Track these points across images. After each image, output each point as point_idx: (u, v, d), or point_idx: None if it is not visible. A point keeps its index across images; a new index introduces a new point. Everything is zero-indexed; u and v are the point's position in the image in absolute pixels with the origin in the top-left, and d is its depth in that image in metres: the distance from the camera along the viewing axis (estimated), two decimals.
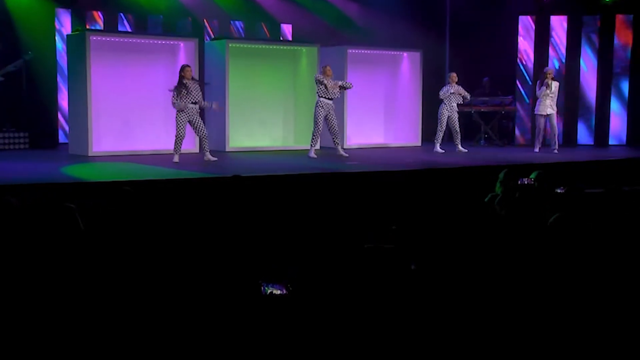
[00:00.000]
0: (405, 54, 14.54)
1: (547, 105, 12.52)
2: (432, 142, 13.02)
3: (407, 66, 14.55)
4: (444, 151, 12.55)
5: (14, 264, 3.59)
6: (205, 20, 14.52)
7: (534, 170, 6.50)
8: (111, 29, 13.32)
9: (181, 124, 10.38)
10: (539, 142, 12.88)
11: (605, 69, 14.63)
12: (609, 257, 3.83)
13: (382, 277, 3.44)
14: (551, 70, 12.76)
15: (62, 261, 3.65)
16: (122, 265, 3.66)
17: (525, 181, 5.99)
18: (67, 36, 12.05)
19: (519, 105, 14.89)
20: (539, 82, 12.90)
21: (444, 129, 12.79)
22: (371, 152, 12.92)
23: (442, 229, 4.02)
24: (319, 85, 11.33)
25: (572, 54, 14.71)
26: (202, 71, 12.54)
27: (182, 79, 10.33)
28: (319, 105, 11.38)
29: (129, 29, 13.79)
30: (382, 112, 14.80)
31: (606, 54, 14.58)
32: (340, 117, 11.99)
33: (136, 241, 4.03)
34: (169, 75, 12.18)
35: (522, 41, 14.88)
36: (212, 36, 14.14)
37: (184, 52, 12.22)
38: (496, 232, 4.06)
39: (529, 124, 14.79)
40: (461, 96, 12.70)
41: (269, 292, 3.44)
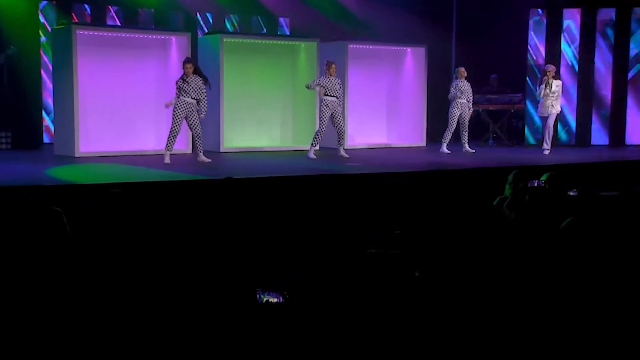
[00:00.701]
0: (409, 49, 14.56)
1: (548, 105, 12.40)
2: (438, 142, 13.02)
3: (411, 62, 14.57)
4: (449, 152, 12.56)
5: None
6: (198, 13, 14.54)
7: (545, 171, 6.51)
8: (99, 22, 13.34)
9: (178, 118, 10.41)
10: (548, 143, 12.64)
11: (621, 65, 14.63)
12: (624, 264, 3.83)
13: (384, 284, 3.45)
14: (551, 68, 12.58)
15: (48, 268, 3.65)
16: (112, 271, 3.66)
17: (535, 183, 6.00)
18: (52, 30, 12.06)
19: (529, 103, 14.90)
20: (538, 81, 12.81)
21: (454, 129, 12.74)
22: (373, 153, 12.92)
23: (448, 234, 4.03)
24: (316, 88, 11.43)
25: (585, 49, 14.72)
26: None
27: (183, 74, 10.44)
28: (323, 104, 11.41)
29: (118, 23, 13.81)
30: (384, 110, 14.81)
31: (622, 48, 14.58)
32: (340, 116, 11.99)
33: (126, 246, 4.04)
34: (160, 71, 12.22)
35: (532, 36, 14.89)
36: (206, 30, 14.16)
37: (175, 47, 12.24)
38: (505, 237, 4.07)
39: (540, 123, 14.78)
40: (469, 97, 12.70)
41: (265, 300, 3.45)
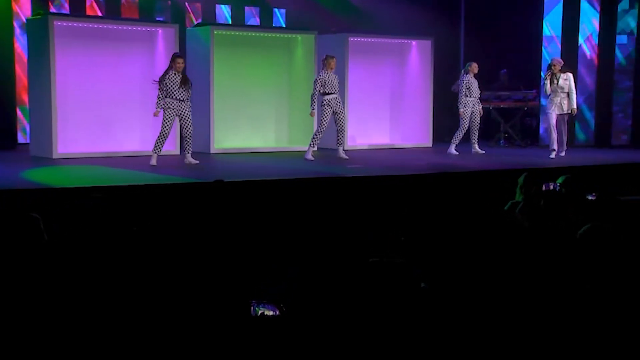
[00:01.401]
0: (414, 42, 14.57)
1: (556, 103, 12.27)
2: (445, 143, 13.03)
3: (417, 56, 14.58)
4: (458, 153, 12.56)
5: None
6: (187, 3, 14.54)
7: (561, 174, 6.52)
8: (78, 12, 13.32)
9: (168, 121, 10.32)
10: (555, 147, 12.34)
11: None
12: None
13: (388, 296, 3.44)
14: (556, 62, 12.40)
15: (23, 277, 3.65)
16: (92, 282, 3.66)
17: (551, 187, 6.00)
18: (27, 20, 12.05)
19: (544, 100, 14.91)
20: (544, 76, 12.56)
21: (465, 129, 12.73)
22: (375, 154, 12.93)
23: (457, 242, 4.03)
24: (316, 85, 11.40)
25: (606, 40, 14.71)
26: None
27: (170, 71, 10.29)
28: (325, 103, 11.41)
29: (99, 13, 13.80)
30: (387, 108, 14.82)
31: None
32: None
33: (107, 255, 4.03)
34: (145, 66, 12.20)
35: (548, 26, 14.88)
36: (195, 22, 14.17)
37: (162, 40, 12.24)
38: (518, 245, 4.06)
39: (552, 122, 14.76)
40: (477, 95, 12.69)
41: (259, 313, 3.44)
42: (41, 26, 11.26)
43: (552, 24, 14.87)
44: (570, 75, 12.34)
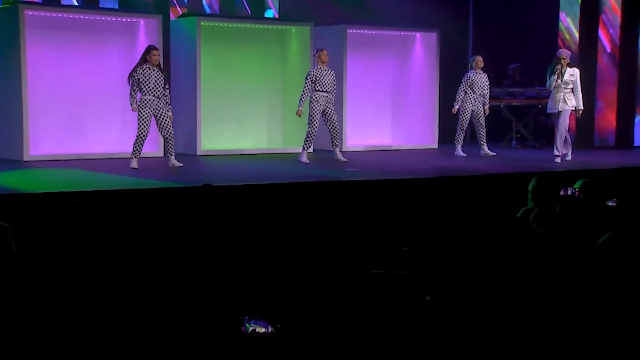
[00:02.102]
0: (418, 35, 14.58)
1: (559, 99, 12.19)
2: (452, 144, 13.05)
3: (421, 49, 14.59)
4: (465, 155, 12.58)
5: None
6: None
7: (579, 178, 6.51)
8: (52, 1, 13.31)
9: (144, 120, 10.29)
10: (559, 148, 12.19)
11: None
12: None
13: (390, 310, 3.44)
14: (565, 54, 12.30)
15: None
16: (66, 295, 3.65)
17: (568, 192, 6.00)
18: None
19: None
20: (549, 70, 12.39)
21: (465, 128, 12.83)
22: (375, 156, 12.93)
23: (464, 252, 4.02)
24: (307, 82, 11.41)
25: (628, 31, 14.72)
26: (167, 56, 12.50)
27: (143, 64, 10.27)
28: (313, 100, 11.41)
29: (75, 2, 13.79)
30: (389, 106, 14.84)
31: None
32: (337, 113, 12.02)
33: (82, 265, 4.02)
34: (125, 60, 12.17)
35: (564, 17, 14.89)
36: (180, 12, 14.16)
37: (144, 31, 12.23)
38: (533, 255, 4.05)
39: (573, 120, 14.76)
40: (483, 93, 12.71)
41: (250, 330, 3.43)
42: (11, 16, 11.24)
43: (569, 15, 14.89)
44: (577, 70, 12.26)
